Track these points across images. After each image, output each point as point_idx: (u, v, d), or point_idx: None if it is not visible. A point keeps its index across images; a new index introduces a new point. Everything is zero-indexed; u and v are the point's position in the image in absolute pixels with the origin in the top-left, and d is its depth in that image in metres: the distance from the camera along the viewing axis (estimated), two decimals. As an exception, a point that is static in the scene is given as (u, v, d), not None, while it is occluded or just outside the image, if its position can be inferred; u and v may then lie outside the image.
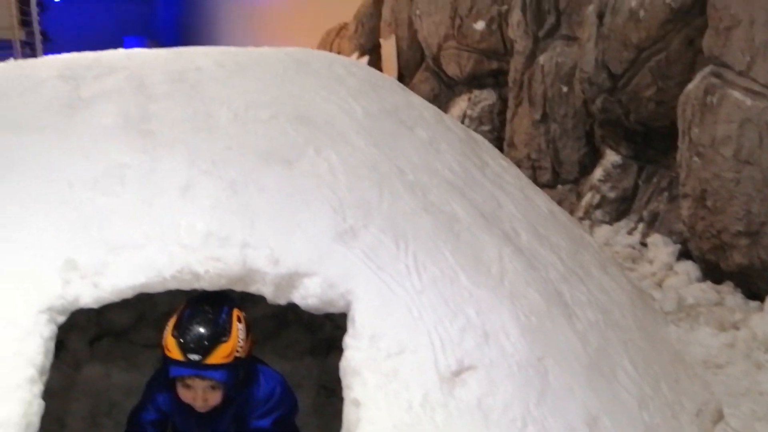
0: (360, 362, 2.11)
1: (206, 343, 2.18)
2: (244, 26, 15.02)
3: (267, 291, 2.24)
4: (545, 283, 2.56)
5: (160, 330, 3.23)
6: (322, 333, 3.17)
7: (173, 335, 2.20)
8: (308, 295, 2.24)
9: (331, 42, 9.17)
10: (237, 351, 2.22)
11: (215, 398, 2.27)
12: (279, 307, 3.19)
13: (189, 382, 2.23)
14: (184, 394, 2.26)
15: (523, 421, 2.10)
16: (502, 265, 2.49)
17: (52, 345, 2.08)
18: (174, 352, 2.18)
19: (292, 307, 3.25)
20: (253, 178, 2.42)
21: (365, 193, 2.47)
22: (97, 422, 2.90)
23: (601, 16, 4.60)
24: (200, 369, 2.19)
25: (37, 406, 1.99)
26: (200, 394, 2.24)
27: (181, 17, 22.55)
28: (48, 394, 2.02)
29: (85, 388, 3.01)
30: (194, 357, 2.17)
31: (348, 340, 2.17)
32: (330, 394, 2.96)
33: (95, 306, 2.15)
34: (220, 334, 2.20)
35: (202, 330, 2.19)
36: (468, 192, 2.76)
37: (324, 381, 3.04)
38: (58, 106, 2.66)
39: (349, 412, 2.07)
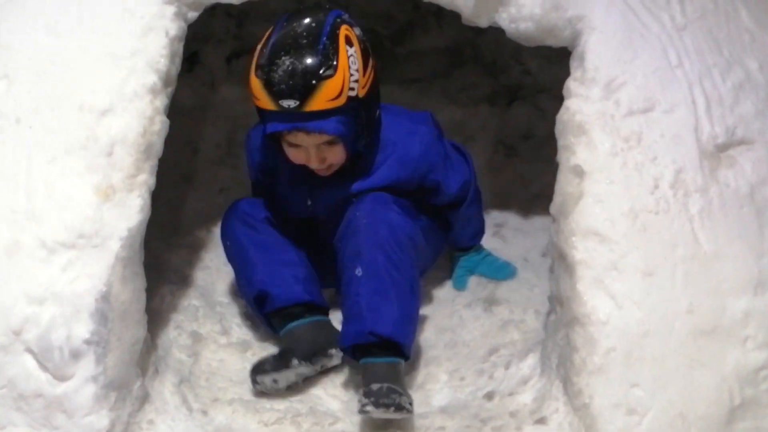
0: (589, 117, 1.58)
1: (301, 81, 1.55)
2: None
3: (465, 5, 1.67)
4: None
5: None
6: (507, 78, 2.69)
7: (257, 75, 1.59)
8: (521, 16, 1.67)
9: None
10: (351, 88, 1.59)
11: (336, 156, 1.69)
12: (454, 38, 2.69)
13: (291, 139, 1.66)
14: (295, 155, 1.70)
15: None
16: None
17: (179, 48, 1.68)
18: (262, 99, 1.60)
19: (470, 40, 2.74)
20: None
21: None
22: (232, 152, 2.55)
23: None
24: (300, 120, 1.59)
25: (160, 124, 1.62)
26: (314, 154, 1.67)
27: None
28: (178, 113, 1.73)
29: (221, 111, 2.68)
30: (289, 104, 1.56)
31: (572, 86, 1.63)
32: (510, 153, 2.54)
33: (236, 1, 1.65)
34: (321, 65, 1.56)
35: (294, 63, 1.56)
36: None
37: (503, 136, 2.59)
38: None
39: (566, 183, 1.56)
